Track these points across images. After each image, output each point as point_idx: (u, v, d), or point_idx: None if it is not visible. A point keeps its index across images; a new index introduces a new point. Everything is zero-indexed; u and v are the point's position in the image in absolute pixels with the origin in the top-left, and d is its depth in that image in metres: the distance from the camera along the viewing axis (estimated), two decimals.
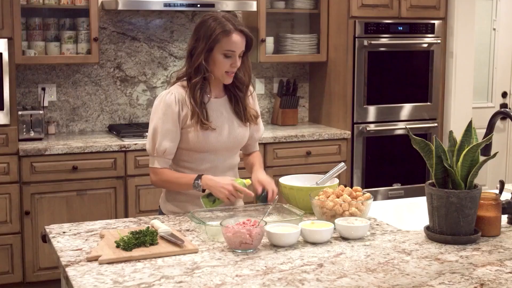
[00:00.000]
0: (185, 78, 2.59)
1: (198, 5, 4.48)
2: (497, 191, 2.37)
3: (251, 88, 2.70)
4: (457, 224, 2.17)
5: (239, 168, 2.76)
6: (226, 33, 2.50)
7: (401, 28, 4.85)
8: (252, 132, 2.74)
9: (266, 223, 2.17)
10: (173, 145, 2.56)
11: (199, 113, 2.53)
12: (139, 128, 4.48)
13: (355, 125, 4.79)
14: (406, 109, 4.94)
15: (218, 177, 2.52)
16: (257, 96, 2.90)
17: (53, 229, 2.33)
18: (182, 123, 2.56)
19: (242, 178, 2.57)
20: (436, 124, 5.02)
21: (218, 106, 2.62)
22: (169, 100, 2.55)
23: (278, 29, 5.06)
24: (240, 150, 2.77)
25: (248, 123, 2.68)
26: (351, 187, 2.54)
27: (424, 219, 2.34)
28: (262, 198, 2.53)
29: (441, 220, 2.18)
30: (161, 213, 2.75)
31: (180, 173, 2.60)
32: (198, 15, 4.87)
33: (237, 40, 2.52)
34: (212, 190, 2.48)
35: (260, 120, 2.79)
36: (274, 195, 2.51)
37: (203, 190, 2.51)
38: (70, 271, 1.92)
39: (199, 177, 2.51)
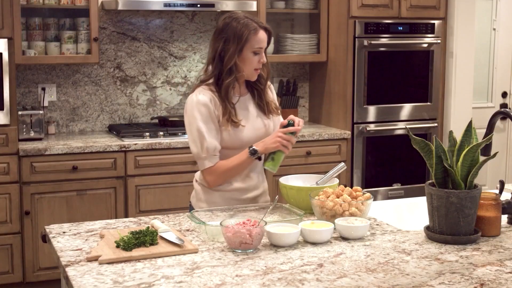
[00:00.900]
0: (210, 81, 2.65)
1: (198, 5, 4.48)
2: (497, 191, 2.37)
3: (268, 82, 2.80)
4: (457, 224, 2.17)
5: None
6: (254, 32, 2.60)
7: (401, 28, 4.85)
8: (276, 125, 2.80)
9: (266, 223, 2.17)
10: (218, 139, 2.63)
11: (231, 112, 2.61)
12: (139, 128, 4.48)
13: (355, 125, 4.79)
14: (406, 109, 4.94)
15: (265, 138, 2.63)
16: None
17: (53, 229, 2.33)
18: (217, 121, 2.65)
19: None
20: (436, 124, 5.02)
21: (244, 103, 2.71)
22: (203, 100, 2.61)
23: (278, 29, 5.06)
24: None
25: (270, 115, 2.76)
26: (351, 187, 2.54)
27: (424, 219, 2.34)
28: (289, 125, 2.61)
29: (441, 220, 2.18)
30: (192, 209, 2.76)
31: (228, 160, 2.64)
32: (198, 15, 4.87)
33: (263, 37, 2.63)
34: (268, 147, 2.59)
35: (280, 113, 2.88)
36: (300, 124, 2.62)
37: (259, 158, 2.64)
38: (70, 271, 1.92)
39: (251, 147, 2.60)
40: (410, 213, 2.76)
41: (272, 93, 2.83)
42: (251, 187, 2.72)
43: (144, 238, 2.11)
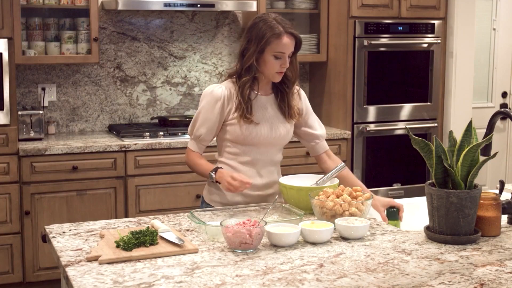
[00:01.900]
0: (235, 76, 2.71)
1: (198, 5, 4.48)
2: (497, 191, 2.37)
3: (296, 87, 2.79)
4: (457, 224, 2.17)
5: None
6: (277, 36, 2.60)
7: (401, 28, 4.85)
8: (310, 129, 2.84)
9: (266, 223, 2.17)
10: (209, 133, 2.70)
11: (244, 108, 2.64)
12: (139, 128, 4.48)
13: (355, 125, 4.79)
14: (406, 109, 4.94)
15: (226, 172, 2.61)
16: None
17: (53, 229, 2.33)
18: (226, 116, 2.68)
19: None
20: (436, 124, 5.02)
21: (264, 103, 2.72)
22: (216, 92, 2.68)
23: None
24: (310, 154, 2.95)
25: (291, 120, 2.76)
26: (351, 187, 2.54)
27: (424, 219, 2.34)
28: (392, 214, 2.60)
29: (441, 220, 2.18)
30: (203, 202, 2.82)
31: (204, 161, 2.73)
32: (198, 15, 4.88)
33: (287, 42, 2.61)
34: (220, 182, 2.62)
35: (315, 119, 2.89)
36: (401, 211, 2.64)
37: (217, 182, 2.63)
38: (70, 271, 1.92)
39: (215, 169, 2.63)
40: (410, 213, 2.76)
41: (300, 100, 2.81)
42: (262, 185, 2.74)
43: (144, 238, 2.11)
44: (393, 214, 2.58)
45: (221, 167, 2.66)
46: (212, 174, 2.63)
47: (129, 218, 2.53)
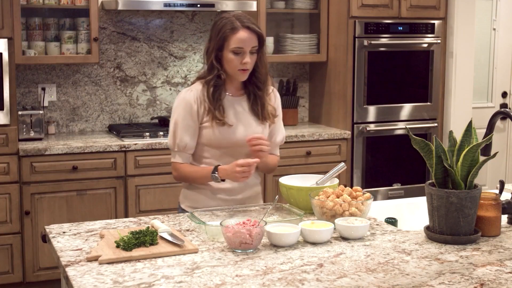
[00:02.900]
0: (203, 78, 2.67)
1: (198, 5, 4.48)
2: (497, 191, 2.37)
3: (270, 87, 2.74)
4: (457, 224, 2.17)
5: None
6: (233, 31, 2.56)
7: (401, 28, 4.85)
8: (272, 134, 2.77)
9: (266, 223, 2.17)
10: (193, 140, 2.64)
11: (213, 110, 2.59)
12: (139, 128, 4.48)
13: (355, 125, 4.79)
14: (406, 109, 4.94)
15: (228, 166, 2.57)
16: None
17: (53, 229, 2.33)
18: (200, 119, 2.63)
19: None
20: (436, 124, 5.02)
21: (235, 104, 2.67)
22: (188, 97, 2.63)
23: (278, 29, 5.06)
24: None
25: (266, 122, 2.71)
26: (351, 187, 2.54)
27: (424, 219, 2.34)
28: (391, 223, 2.51)
29: (441, 220, 2.18)
30: (179, 208, 2.79)
31: (196, 167, 2.67)
32: (198, 15, 4.87)
33: (244, 37, 2.57)
34: (228, 178, 2.58)
35: (281, 124, 2.82)
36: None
37: (223, 180, 2.59)
38: (70, 271, 1.92)
39: (215, 169, 2.58)
40: (410, 213, 2.76)
41: (274, 100, 2.76)
42: (238, 189, 2.70)
43: (144, 238, 2.11)
44: (392, 224, 2.57)
45: (219, 165, 2.61)
46: (215, 175, 2.58)
47: (129, 218, 2.53)
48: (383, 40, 4.81)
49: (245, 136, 2.63)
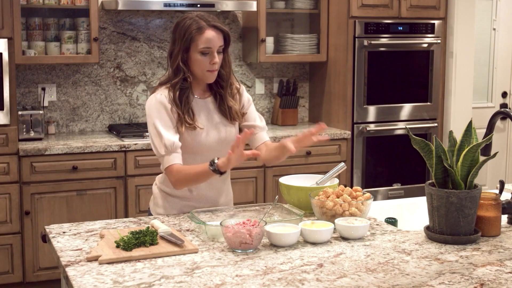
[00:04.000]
0: (168, 82, 2.56)
1: (198, 5, 4.49)
2: (497, 191, 2.37)
3: (237, 85, 2.67)
4: (457, 224, 2.17)
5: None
6: (200, 31, 2.49)
7: (401, 28, 4.85)
8: (250, 120, 2.67)
9: (266, 223, 2.17)
10: (177, 137, 2.51)
11: (182, 114, 2.51)
12: (139, 128, 4.48)
13: (355, 125, 4.79)
14: (406, 109, 4.94)
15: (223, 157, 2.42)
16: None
17: (53, 229, 2.33)
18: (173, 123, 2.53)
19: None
20: (436, 124, 5.02)
21: (203, 106, 2.60)
22: (160, 99, 2.52)
23: (278, 29, 5.06)
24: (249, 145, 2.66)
25: (235, 122, 2.63)
26: (351, 187, 2.54)
27: (424, 219, 2.34)
28: (391, 223, 2.46)
29: (441, 220, 2.18)
30: (150, 214, 2.71)
31: (192, 165, 2.51)
32: None
33: (212, 36, 2.50)
34: (230, 165, 2.38)
35: (255, 113, 2.71)
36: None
37: (221, 173, 2.41)
38: (70, 271, 1.92)
39: (213, 162, 2.40)
40: (410, 213, 2.76)
41: (240, 98, 2.67)
42: (213, 197, 2.63)
43: (144, 238, 2.11)
44: (392, 223, 2.57)
45: (216, 157, 2.41)
46: (213, 167, 2.39)
47: (129, 218, 2.53)
48: (383, 40, 4.82)
49: (217, 139, 2.57)
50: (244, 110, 2.69)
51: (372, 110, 4.83)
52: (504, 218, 2.40)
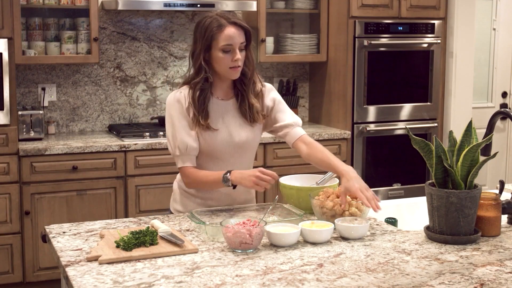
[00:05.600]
0: (190, 81, 2.56)
1: (198, 5, 4.48)
2: (497, 191, 2.37)
3: (259, 84, 2.62)
4: (457, 224, 2.17)
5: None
6: (220, 28, 2.47)
7: (401, 28, 4.85)
8: (278, 120, 2.62)
9: (266, 223, 2.17)
10: (194, 139, 2.51)
11: (197, 114, 2.50)
12: (139, 128, 4.48)
13: (355, 125, 4.79)
14: (406, 109, 4.94)
15: (246, 170, 2.47)
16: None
17: (53, 229, 2.33)
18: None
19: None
20: (436, 124, 5.02)
21: (222, 108, 2.57)
22: (180, 97, 2.53)
23: (278, 29, 5.06)
24: (282, 139, 2.67)
25: (255, 123, 2.60)
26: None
27: (424, 219, 2.34)
28: (391, 223, 2.42)
29: (441, 220, 2.18)
30: (170, 213, 2.72)
31: (207, 171, 2.53)
32: (198, 15, 4.87)
33: (232, 33, 2.48)
34: (242, 183, 2.42)
35: (287, 111, 2.65)
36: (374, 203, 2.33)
37: (234, 186, 2.45)
38: (70, 271, 1.92)
39: (228, 172, 2.44)
40: (410, 213, 2.76)
41: (263, 100, 2.62)
42: (230, 196, 2.61)
43: (144, 238, 2.11)
44: (392, 224, 2.57)
45: (232, 170, 2.46)
46: (227, 176, 2.42)
47: (129, 218, 2.53)
48: (383, 40, 4.82)
49: (232, 142, 2.55)
50: (266, 113, 2.64)
51: (372, 110, 4.83)
52: (504, 218, 2.40)
